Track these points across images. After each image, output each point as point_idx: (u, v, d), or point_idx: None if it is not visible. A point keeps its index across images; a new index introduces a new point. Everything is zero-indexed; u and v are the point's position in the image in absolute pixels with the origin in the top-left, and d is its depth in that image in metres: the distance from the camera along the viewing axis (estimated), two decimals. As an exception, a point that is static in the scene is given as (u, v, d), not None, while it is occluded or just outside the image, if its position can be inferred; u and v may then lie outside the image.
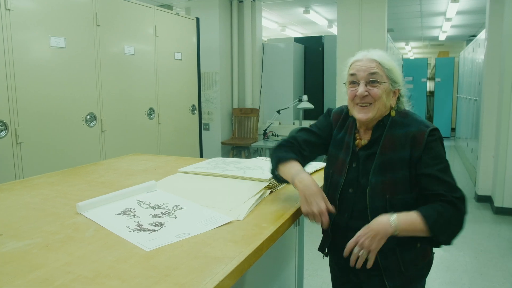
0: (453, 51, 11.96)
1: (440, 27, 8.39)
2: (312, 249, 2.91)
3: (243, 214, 1.14)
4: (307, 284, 2.55)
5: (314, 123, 1.39)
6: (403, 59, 9.57)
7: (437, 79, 9.15)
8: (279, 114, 4.95)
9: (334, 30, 7.37)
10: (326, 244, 1.32)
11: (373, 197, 1.15)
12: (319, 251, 1.36)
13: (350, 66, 1.21)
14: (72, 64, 2.71)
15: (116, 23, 3.05)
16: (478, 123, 4.77)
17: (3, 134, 2.31)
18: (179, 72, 3.82)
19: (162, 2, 5.53)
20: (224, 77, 5.43)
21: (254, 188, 1.33)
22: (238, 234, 1.01)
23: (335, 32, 5.49)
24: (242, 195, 1.27)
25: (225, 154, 5.48)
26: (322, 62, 6.00)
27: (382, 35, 4.78)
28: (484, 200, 4.24)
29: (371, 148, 1.20)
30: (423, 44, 11.59)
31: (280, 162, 1.27)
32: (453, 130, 9.23)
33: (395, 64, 1.19)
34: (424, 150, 1.12)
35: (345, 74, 1.23)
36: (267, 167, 1.39)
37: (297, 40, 6.16)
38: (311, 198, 1.13)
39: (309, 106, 4.53)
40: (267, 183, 1.37)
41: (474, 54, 5.81)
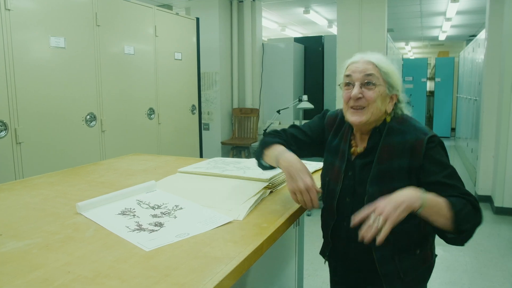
0: (453, 51, 11.96)
1: (440, 27, 8.39)
2: (312, 249, 2.92)
3: (243, 214, 1.14)
4: (307, 284, 2.55)
5: (307, 122, 1.37)
6: (403, 59, 9.57)
7: (437, 79, 9.16)
8: (279, 114, 4.95)
9: (334, 30, 7.37)
10: (326, 250, 1.30)
11: None
12: (320, 255, 1.35)
13: (347, 67, 1.17)
14: (72, 64, 2.71)
15: (116, 23, 3.05)
16: (478, 123, 4.77)
17: (3, 134, 2.31)
18: (179, 72, 3.82)
19: (162, 2, 5.53)
20: (224, 77, 5.43)
21: (254, 188, 1.33)
22: (238, 234, 1.01)
23: (335, 32, 5.49)
24: (242, 195, 1.27)
25: (225, 154, 5.48)
26: (322, 62, 6.01)
27: (382, 35, 4.78)
28: (484, 200, 4.24)
29: (368, 157, 1.16)
30: (423, 44, 11.60)
31: (264, 147, 1.25)
32: (453, 130, 9.23)
33: (394, 68, 1.15)
34: (424, 158, 1.08)
35: (341, 77, 1.20)
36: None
37: (297, 40, 6.16)
38: (296, 174, 1.10)
39: (309, 106, 4.53)
40: (267, 183, 1.37)
41: (474, 54, 5.81)
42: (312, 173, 1.61)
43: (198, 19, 4.06)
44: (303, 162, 1.18)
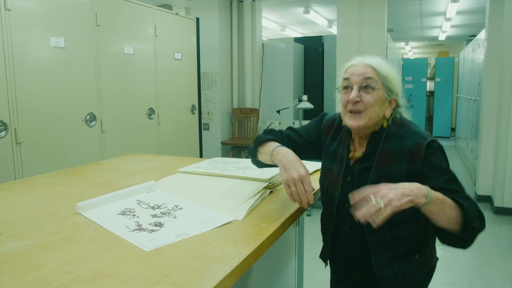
0: (453, 51, 11.96)
1: (440, 27, 8.39)
2: (312, 249, 2.92)
3: (243, 214, 1.14)
4: (307, 284, 2.55)
5: (304, 125, 1.35)
6: (403, 59, 9.57)
7: (437, 79, 9.16)
8: (279, 114, 4.94)
9: (334, 30, 7.37)
10: (326, 254, 1.29)
11: None
12: (320, 258, 1.34)
13: (345, 71, 1.15)
14: (72, 64, 2.71)
15: (116, 23, 3.05)
16: (478, 123, 4.77)
17: (3, 134, 2.31)
18: (179, 72, 3.82)
19: (162, 2, 5.53)
20: (224, 77, 5.43)
21: (254, 188, 1.33)
22: (237, 234, 1.01)
23: (335, 32, 5.49)
24: (242, 195, 1.27)
25: (225, 154, 5.48)
26: (322, 62, 6.01)
27: (382, 35, 4.78)
28: (484, 200, 4.24)
29: (366, 162, 1.15)
30: (423, 44, 11.60)
31: (258, 144, 1.25)
32: (453, 130, 9.23)
33: (393, 73, 1.13)
34: (423, 163, 1.06)
35: (340, 80, 1.18)
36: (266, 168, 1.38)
37: (297, 40, 6.16)
38: (290, 165, 1.09)
39: (309, 106, 4.53)
40: (267, 183, 1.37)
41: (474, 54, 5.81)
42: (311, 173, 1.61)
43: (198, 19, 4.06)
44: (303, 162, 1.16)
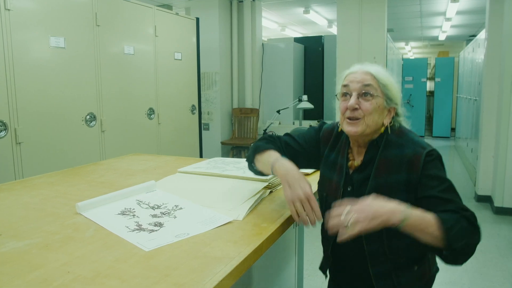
0: (453, 51, 11.96)
1: (440, 27, 8.40)
2: (312, 249, 2.92)
3: (243, 214, 1.14)
4: (307, 284, 2.55)
5: (302, 133, 1.33)
6: (403, 59, 9.57)
7: (437, 79, 9.16)
8: (279, 114, 4.95)
9: (334, 30, 7.37)
10: (326, 266, 1.29)
11: None
12: (320, 270, 1.33)
13: (345, 78, 1.15)
14: (72, 64, 2.71)
15: (116, 23, 3.05)
16: (478, 123, 4.77)
17: (2, 134, 2.31)
18: (179, 72, 3.82)
19: (162, 2, 5.53)
20: (224, 77, 5.43)
21: (254, 188, 1.33)
22: (237, 234, 1.01)
23: (335, 32, 5.49)
24: (242, 195, 1.27)
25: (225, 154, 5.48)
26: (322, 62, 6.01)
27: (382, 35, 4.78)
28: (484, 200, 4.24)
29: (365, 170, 1.14)
30: (423, 44, 11.60)
31: (257, 152, 1.22)
32: (453, 130, 9.23)
33: (393, 81, 1.13)
34: (422, 173, 1.06)
35: (339, 87, 1.17)
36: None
37: (297, 40, 6.16)
38: (295, 183, 1.06)
39: (309, 106, 4.53)
40: (267, 183, 1.37)
41: (474, 54, 5.81)
42: (309, 175, 1.61)
43: (198, 19, 4.06)
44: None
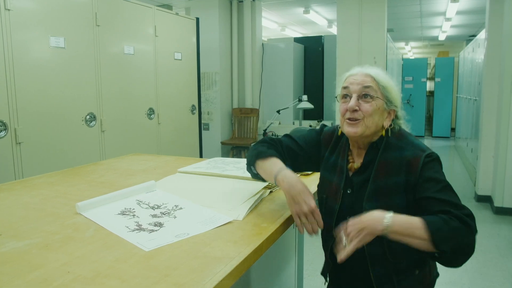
0: (453, 51, 11.96)
1: (440, 27, 8.40)
2: (312, 249, 2.91)
3: (243, 214, 1.14)
4: (307, 284, 2.55)
5: (303, 134, 1.33)
6: (403, 59, 9.58)
7: (437, 79, 9.16)
8: (279, 114, 4.95)
9: (334, 30, 7.37)
10: (327, 271, 1.29)
11: None
12: (322, 275, 1.33)
13: (345, 80, 1.16)
14: (72, 64, 2.71)
15: (116, 23, 3.05)
16: (478, 123, 4.77)
17: (2, 134, 2.31)
18: (179, 72, 3.82)
19: (162, 2, 5.53)
20: (224, 77, 5.43)
21: (254, 188, 1.33)
22: (237, 234, 1.01)
23: (335, 32, 5.49)
24: (242, 195, 1.27)
25: (225, 154, 5.48)
26: (322, 62, 6.01)
27: (382, 35, 4.78)
28: (484, 200, 4.24)
29: (365, 172, 1.15)
30: (423, 44, 11.60)
31: (259, 157, 1.21)
32: (453, 130, 9.23)
33: (393, 84, 1.14)
34: (420, 175, 1.06)
35: (339, 90, 1.17)
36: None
37: (297, 40, 6.16)
38: (299, 197, 1.07)
39: (309, 106, 4.53)
40: (267, 183, 1.37)
41: (474, 54, 5.81)
42: (308, 175, 1.61)
43: (198, 19, 4.06)
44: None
